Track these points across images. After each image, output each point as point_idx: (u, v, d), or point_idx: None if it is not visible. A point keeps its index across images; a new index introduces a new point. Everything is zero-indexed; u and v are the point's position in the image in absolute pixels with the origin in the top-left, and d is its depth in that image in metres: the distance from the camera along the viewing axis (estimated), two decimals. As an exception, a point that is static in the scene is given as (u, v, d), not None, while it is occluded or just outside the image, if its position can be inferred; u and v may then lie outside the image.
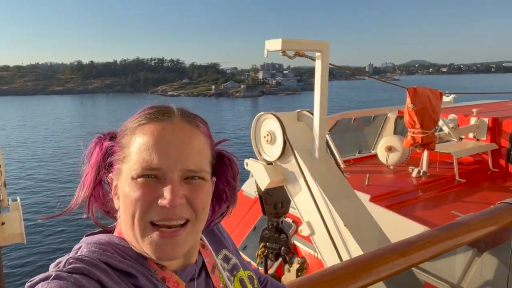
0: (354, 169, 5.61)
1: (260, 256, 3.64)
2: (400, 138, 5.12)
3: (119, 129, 0.83)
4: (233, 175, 0.91)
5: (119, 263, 0.73)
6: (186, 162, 0.74)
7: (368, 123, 6.72)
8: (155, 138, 0.74)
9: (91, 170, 0.81)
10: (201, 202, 0.76)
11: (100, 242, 0.78)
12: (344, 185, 3.09)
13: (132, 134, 0.77)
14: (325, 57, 2.94)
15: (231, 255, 0.99)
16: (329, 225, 2.84)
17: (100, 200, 0.83)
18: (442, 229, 1.60)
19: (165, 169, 0.72)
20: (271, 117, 3.20)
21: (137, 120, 0.79)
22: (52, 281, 0.65)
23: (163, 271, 0.79)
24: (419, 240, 1.43)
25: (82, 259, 0.71)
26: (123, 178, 0.76)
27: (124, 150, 0.77)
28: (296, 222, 4.77)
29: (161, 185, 0.73)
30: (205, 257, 0.90)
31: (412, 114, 4.02)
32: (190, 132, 0.78)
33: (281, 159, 3.18)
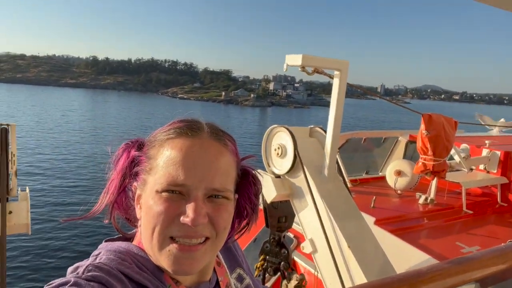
0: (360, 189, 5.57)
1: (259, 269, 3.61)
2: (410, 163, 5.08)
3: (147, 138, 0.83)
4: (255, 193, 0.90)
5: (136, 274, 0.73)
6: (212, 181, 0.74)
7: (378, 144, 6.70)
8: (183, 154, 0.74)
9: (117, 176, 0.81)
10: (223, 221, 0.76)
11: (119, 250, 0.78)
12: (351, 206, 3.06)
13: (160, 146, 0.77)
14: (343, 76, 2.95)
15: (245, 275, 0.98)
16: (332, 245, 2.80)
17: (123, 207, 0.84)
18: (453, 263, 1.57)
19: (190, 186, 0.72)
20: (284, 131, 3.20)
21: (167, 133, 0.79)
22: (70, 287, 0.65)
23: (177, 287, 0.79)
24: (429, 272, 1.40)
25: (101, 268, 0.71)
26: (148, 190, 0.76)
27: (151, 161, 0.77)
28: (297, 238, 4.73)
29: (184, 201, 0.73)
30: (219, 275, 0.89)
31: (425, 140, 3.99)
32: (218, 150, 0.77)
33: (290, 173, 3.16)
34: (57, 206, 15.52)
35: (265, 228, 3.75)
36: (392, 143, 6.60)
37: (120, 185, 0.81)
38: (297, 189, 3.14)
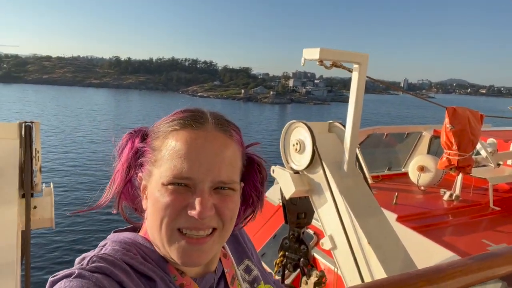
0: (382, 185, 5.46)
1: (278, 265, 3.60)
2: (434, 158, 4.94)
3: (151, 128, 0.82)
4: (261, 180, 0.90)
5: (140, 265, 0.74)
6: (218, 174, 0.74)
7: (401, 140, 6.53)
8: (188, 147, 0.73)
9: (122, 167, 0.81)
10: (229, 212, 0.76)
11: (125, 241, 0.78)
12: (371, 202, 3.01)
13: (164, 138, 0.77)
14: (363, 70, 2.89)
15: (253, 266, 0.97)
16: (352, 241, 2.76)
17: (130, 197, 0.84)
18: (475, 259, 1.51)
19: (196, 179, 0.72)
20: (302, 126, 3.17)
21: (170, 124, 0.78)
22: (74, 279, 0.66)
23: (182, 278, 0.79)
24: (449, 268, 1.35)
25: (105, 258, 0.72)
26: (153, 182, 0.76)
27: (155, 153, 0.77)
28: (317, 234, 4.69)
29: (191, 194, 0.73)
30: (225, 267, 0.89)
31: (450, 134, 3.87)
32: (223, 142, 0.77)
33: (308, 169, 3.13)
34: (81, 201, 16.00)
35: (284, 224, 3.74)
36: (415, 138, 6.43)
37: (126, 175, 0.81)
38: (316, 185, 3.11)
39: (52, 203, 2.22)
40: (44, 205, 2.18)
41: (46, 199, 2.21)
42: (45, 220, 2.15)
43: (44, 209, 2.17)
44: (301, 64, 2.89)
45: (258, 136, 35.82)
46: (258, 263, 1.01)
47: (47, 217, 2.14)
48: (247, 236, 1.05)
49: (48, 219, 2.14)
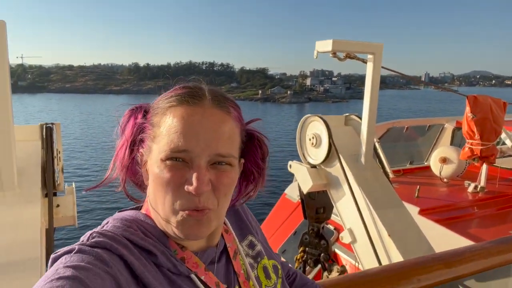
0: (404, 179, 5.34)
1: (299, 260, 3.58)
2: (456, 149, 4.81)
3: (151, 104, 0.83)
4: (261, 156, 0.89)
5: (141, 240, 0.75)
6: (215, 147, 0.74)
7: (422, 133, 6.35)
8: (184, 123, 0.74)
9: (125, 143, 0.82)
10: (224, 188, 0.76)
11: (125, 218, 0.79)
12: (390, 194, 2.96)
13: (163, 114, 0.78)
14: (377, 60, 2.84)
15: (256, 241, 0.97)
16: (372, 234, 2.72)
17: (133, 172, 0.85)
18: (494, 243, 1.46)
19: (192, 153, 0.73)
20: (318, 120, 3.15)
21: (168, 100, 0.79)
22: (74, 255, 0.67)
23: (183, 252, 0.80)
24: (467, 252, 1.32)
25: (105, 234, 0.73)
26: (153, 157, 0.77)
27: (154, 129, 0.78)
28: (338, 230, 4.64)
29: (188, 169, 0.73)
30: (227, 242, 0.89)
31: (471, 124, 3.75)
32: (220, 118, 0.77)
33: (325, 162, 3.11)
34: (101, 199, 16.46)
35: (304, 221, 3.72)
36: (437, 131, 6.25)
37: (130, 151, 0.82)
38: (334, 179, 3.08)
39: (74, 202, 2.28)
40: (66, 203, 2.25)
41: (68, 197, 2.28)
42: (68, 218, 2.21)
43: (67, 208, 2.24)
44: (314, 57, 2.87)
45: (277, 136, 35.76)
46: (264, 241, 1.01)
47: (70, 215, 2.21)
48: (251, 213, 1.05)
49: (70, 217, 2.21)
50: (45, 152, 2.22)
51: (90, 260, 0.66)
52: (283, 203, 5.88)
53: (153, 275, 0.72)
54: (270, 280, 0.92)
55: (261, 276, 0.91)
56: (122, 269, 0.69)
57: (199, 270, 0.80)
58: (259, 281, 0.90)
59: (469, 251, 1.20)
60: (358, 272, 1.26)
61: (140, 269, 0.71)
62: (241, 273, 0.87)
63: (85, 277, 0.62)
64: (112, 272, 0.66)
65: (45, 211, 2.08)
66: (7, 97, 1.89)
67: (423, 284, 1.19)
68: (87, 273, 0.63)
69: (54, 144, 2.24)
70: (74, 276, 0.62)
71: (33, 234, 1.82)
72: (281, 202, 5.97)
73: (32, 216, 1.92)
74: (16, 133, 1.99)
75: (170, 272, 0.76)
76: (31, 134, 2.26)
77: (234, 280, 0.86)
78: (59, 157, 2.27)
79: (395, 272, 1.21)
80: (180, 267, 0.77)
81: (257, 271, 0.92)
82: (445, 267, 1.21)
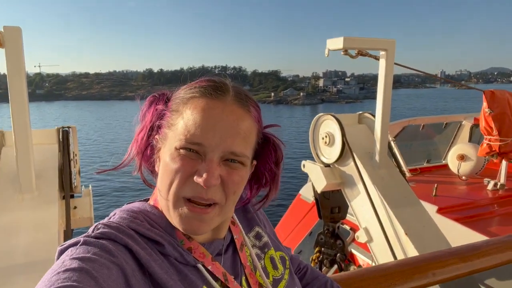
0: (421, 178, 5.24)
1: (315, 261, 3.55)
2: (474, 146, 4.70)
3: (174, 92, 0.84)
4: (275, 161, 0.88)
5: (147, 230, 0.75)
6: (230, 144, 0.74)
7: (439, 130, 6.20)
8: (204, 115, 0.74)
9: (145, 128, 0.83)
10: (233, 185, 0.76)
11: (132, 210, 0.80)
12: (406, 192, 2.90)
13: (183, 104, 0.78)
14: (390, 56, 2.81)
15: (263, 233, 0.97)
16: (388, 233, 2.68)
17: (148, 158, 0.85)
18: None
19: (207, 147, 0.73)
20: (330, 118, 3.12)
21: (191, 91, 0.79)
22: (80, 247, 0.68)
23: (189, 242, 0.80)
24: (483, 246, 1.28)
25: (110, 225, 0.74)
26: (167, 145, 0.77)
27: (173, 117, 0.78)
28: (354, 230, 4.59)
29: (200, 161, 0.74)
30: (234, 234, 0.90)
31: (489, 119, 3.67)
32: (239, 115, 0.77)
33: (339, 161, 3.08)
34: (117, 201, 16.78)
35: (320, 221, 3.69)
36: (455, 128, 6.10)
37: (147, 137, 0.83)
38: (348, 177, 3.05)
39: (91, 203, 2.32)
40: (83, 205, 2.29)
41: (85, 199, 2.32)
42: (85, 220, 2.25)
43: (84, 209, 2.28)
44: (325, 55, 2.86)
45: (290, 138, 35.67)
46: (272, 234, 1.01)
47: (87, 216, 2.25)
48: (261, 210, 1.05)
49: (87, 218, 2.25)
50: (61, 155, 2.26)
51: (96, 251, 0.67)
52: (298, 203, 5.85)
53: (159, 264, 0.73)
54: (277, 271, 0.92)
55: (268, 267, 0.91)
56: (128, 258, 0.70)
57: (206, 260, 0.80)
58: (266, 271, 0.90)
59: (486, 245, 1.17)
60: (370, 266, 1.24)
61: (145, 258, 0.71)
62: (247, 264, 0.87)
63: (91, 268, 0.63)
64: (117, 261, 0.67)
65: (63, 213, 2.12)
66: (24, 101, 1.94)
67: (438, 278, 1.17)
68: (93, 264, 0.64)
69: (70, 147, 2.29)
70: (81, 267, 0.62)
71: (51, 236, 1.86)
72: (296, 203, 5.94)
73: (50, 218, 1.96)
74: (33, 137, 2.04)
75: (177, 262, 0.76)
76: (48, 137, 2.31)
77: (241, 271, 0.86)
78: (76, 160, 2.32)
79: (409, 266, 1.19)
80: (187, 257, 0.77)
81: (264, 261, 0.92)
82: (461, 261, 1.18)
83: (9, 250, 1.73)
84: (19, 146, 1.94)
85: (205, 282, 0.77)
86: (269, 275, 0.90)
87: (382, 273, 1.16)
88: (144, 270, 0.71)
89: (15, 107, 1.91)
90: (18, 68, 1.88)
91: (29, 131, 1.98)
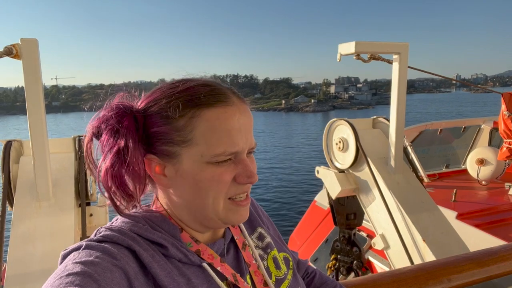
0: (440, 184, 5.11)
1: (331, 268, 3.50)
2: (493, 150, 4.59)
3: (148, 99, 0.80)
4: None
5: (149, 233, 0.75)
6: (250, 142, 0.79)
7: (458, 135, 6.05)
8: (229, 123, 0.75)
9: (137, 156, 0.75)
10: (255, 172, 0.81)
11: (134, 215, 0.79)
12: (423, 197, 2.85)
13: (191, 117, 0.74)
14: (403, 60, 2.78)
15: (266, 234, 0.98)
16: (406, 239, 2.62)
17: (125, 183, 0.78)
18: None
19: (240, 151, 0.76)
20: (344, 124, 3.10)
21: (195, 102, 0.75)
22: (83, 251, 0.68)
23: (197, 245, 0.80)
24: (501, 251, 1.24)
25: (112, 228, 0.74)
26: (187, 162, 0.75)
27: (181, 133, 0.74)
28: (370, 237, 4.51)
29: (234, 164, 0.77)
30: (234, 235, 0.90)
31: (508, 122, 3.59)
32: (248, 112, 0.81)
33: (353, 167, 3.04)
34: None
35: (336, 228, 3.63)
36: (474, 132, 5.95)
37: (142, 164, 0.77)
38: (363, 183, 3.01)
39: (106, 211, 2.35)
40: (99, 213, 2.31)
41: (101, 207, 2.34)
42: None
43: (99, 217, 2.30)
44: (337, 60, 2.84)
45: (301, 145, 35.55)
46: (276, 236, 1.02)
47: (103, 223, 2.26)
48: (261, 208, 1.06)
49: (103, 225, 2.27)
50: (78, 163, 2.29)
51: (98, 255, 0.67)
52: (313, 210, 5.79)
53: (162, 266, 0.72)
54: (280, 271, 0.91)
55: (271, 267, 0.91)
56: (130, 260, 0.70)
57: (215, 262, 0.80)
58: (269, 271, 0.90)
59: (504, 249, 1.13)
60: (384, 271, 1.21)
61: (148, 260, 0.71)
62: (252, 263, 0.88)
63: (94, 271, 0.63)
64: (120, 264, 0.67)
65: (79, 220, 2.14)
66: (41, 111, 1.98)
67: (454, 284, 1.13)
68: (95, 267, 0.64)
69: (86, 156, 2.31)
70: (83, 271, 0.63)
71: (67, 243, 1.88)
72: (311, 210, 5.88)
73: (66, 225, 1.98)
74: (50, 146, 2.07)
75: (181, 263, 0.76)
76: (65, 146, 2.35)
77: (246, 270, 0.86)
78: None
79: (423, 271, 1.15)
80: (191, 257, 0.77)
81: (267, 262, 0.92)
82: (478, 266, 1.14)
83: (26, 257, 1.75)
84: (37, 155, 1.98)
85: (211, 282, 0.77)
86: (271, 275, 0.90)
87: (396, 279, 1.12)
88: (147, 272, 0.71)
89: (32, 117, 1.95)
90: (35, 79, 1.93)
91: (46, 140, 2.01)
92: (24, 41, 1.89)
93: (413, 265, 1.53)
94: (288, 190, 17.38)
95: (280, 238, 1.04)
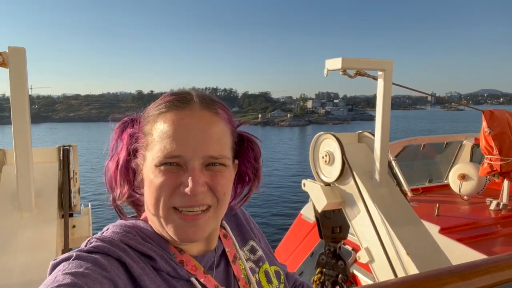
0: (423, 198, 5.17)
1: (316, 282, 3.48)
2: (475, 165, 4.72)
3: (142, 114, 0.86)
4: (254, 157, 0.91)
5: (139, 245, 0.76)
6: (207, 149, 0.76)
7: (440, 150, 6.19)
8: (175, 127, 0.76)
9: (124, 156, 0.83)
10: (221, 188, 0.77)
11: (125, 224, 0.81)
12: (407, 211, 2.90)
13: (154, 122, 0.79)
14: (387, 76, 2.87)
15: (258, 247, 0.98)
16: (390, 253, 2.66)
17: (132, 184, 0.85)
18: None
19: (186, 157, 0.74)
20: (330, 137, 3.14)
21: (158, 108, 0.81)
22: (73, 261, 0.68)
23: (181, 255, 0.80)
24: (483, 264, 1.27)
25: (103, 239, 0.74)
26: (148, 165, 0.78)
27: (147, 137, 0.79)
28: (355, 250, 4.54)
29: (183, 172, 0.75)
30: (226, 247, 0.90)
31: (489, 139, 3.72)
32: (209, 119, 0.79)
33: (339, 180, 3.08)
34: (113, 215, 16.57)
35: (322, 241, 3.64)
36: (456, 148, 6.09)
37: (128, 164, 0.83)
38: (348, 196, 3.04)
39: (89, 222, 2.28)
40: (82, 224, 2.24)
41: (84, 218, 2.27)
42: (83, 239, 2.18)
43: (82, 228, 2.23)
44: (324, 75, 2.90)
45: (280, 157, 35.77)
46: (267, 249, 1.02)
47: (85, 235, 2.20)
48: (253, 220, 1.06)
49: (86, 237, 2.18)
50: (62, 173, 2.22)
51: (88, 266, 0.66)
52: (299, 223, 5.78)
53: (151, 278, 0.72)
54: (271, 285, 0.92)
55: (263, 281, 0.91)
56: (120, 272, 0.69)
57: (198, 273, 0.80)
58: (260, 285, 0.90)
59: (486, 263, 1.16)
60: (365, 285, 1.22)
61: (138, 272, 0.71)
62: (241, 277, 0.87)
63: (84, 283, 0.62)
64: (110, 276, 0.67)
65: (61, 231, 2.07)
66: (26, 120, 1.93)
67: None
68: (85, 279, 0.63)
69: (71, 166, 2.25)
70: (73, 283, 0.62)
71: (49, 255, 1.81)
72: (297, 223, 5.87)
73: (48, 237, 1.91)
74: (34, 155, 2.01)
75: (170, 276, 0.76)
76: (49, 156, 2.28)
77: (234, 284, 0.86)
78: (76, 178, 2.28)
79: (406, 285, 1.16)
80: (180, 271, 0.77)
81: (258, 275, 0.92)
82: (460, 279, 1.16)
83: (6, 269, 1.68)
84: (20, 164, 1.91)
85: None
86: None
87: None
88: (137, 284, 0.71)
89: (17, 126, 1.90)
90: (21, 87, 1.89)
91: (30, 150, 1.96)
92: (12, 49, 1.85)
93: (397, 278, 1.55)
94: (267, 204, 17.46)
95: (271, 251, 1.05)
